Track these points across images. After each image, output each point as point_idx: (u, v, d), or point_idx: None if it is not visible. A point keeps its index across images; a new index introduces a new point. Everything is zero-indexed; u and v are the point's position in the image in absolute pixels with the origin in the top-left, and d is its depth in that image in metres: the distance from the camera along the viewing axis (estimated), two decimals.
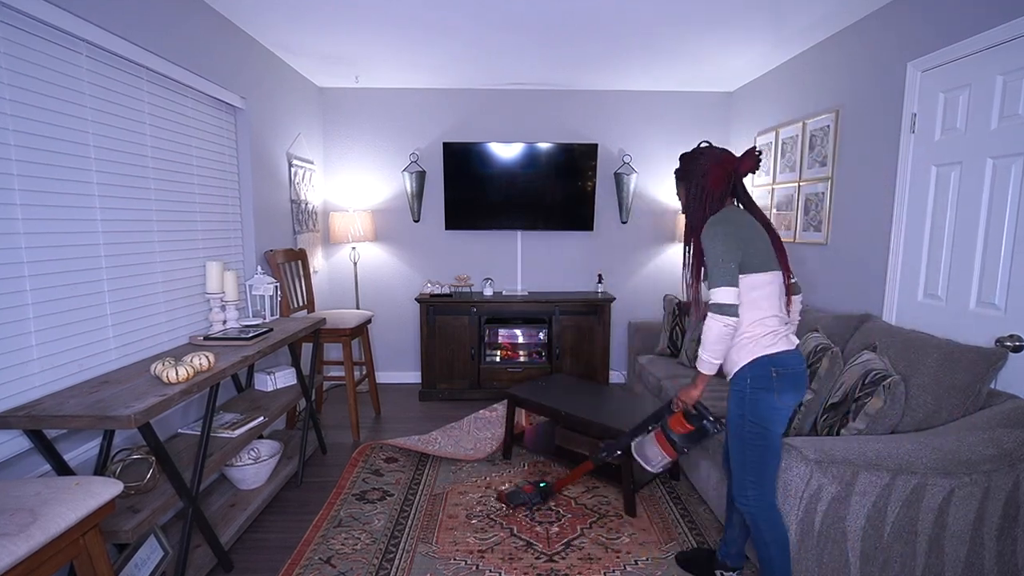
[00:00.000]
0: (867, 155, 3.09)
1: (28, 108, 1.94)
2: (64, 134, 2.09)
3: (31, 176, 1.95)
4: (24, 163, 1.93)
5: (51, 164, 2.03)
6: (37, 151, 1.98)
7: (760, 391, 1.91)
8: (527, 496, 2.88)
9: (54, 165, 2.05)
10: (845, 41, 3.30)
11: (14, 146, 1.89)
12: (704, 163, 2.02)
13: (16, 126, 1.90)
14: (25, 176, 1.93)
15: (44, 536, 1.32)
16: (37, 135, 1.98)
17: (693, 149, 2.09)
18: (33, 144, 1.96)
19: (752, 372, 1.91)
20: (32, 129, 1.96)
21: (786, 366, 1.90)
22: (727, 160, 2.01)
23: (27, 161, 1.94)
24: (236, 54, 3.32)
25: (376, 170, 4.91)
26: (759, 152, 2.00)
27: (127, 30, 2.38)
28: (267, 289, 3.20)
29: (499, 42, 3.62)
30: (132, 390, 1.97)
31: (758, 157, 1.99)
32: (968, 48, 2.43)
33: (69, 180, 2.12)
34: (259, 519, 2.79)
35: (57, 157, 2.06)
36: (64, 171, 2.09)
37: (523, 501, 2.87)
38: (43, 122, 2.00)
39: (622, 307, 5.12)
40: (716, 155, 2.02)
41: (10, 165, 1.88)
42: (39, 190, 1.98)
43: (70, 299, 2.13)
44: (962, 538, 1.94)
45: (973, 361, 2.13)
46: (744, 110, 4.66)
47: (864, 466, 1.90)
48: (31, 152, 1.95)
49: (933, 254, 2.65)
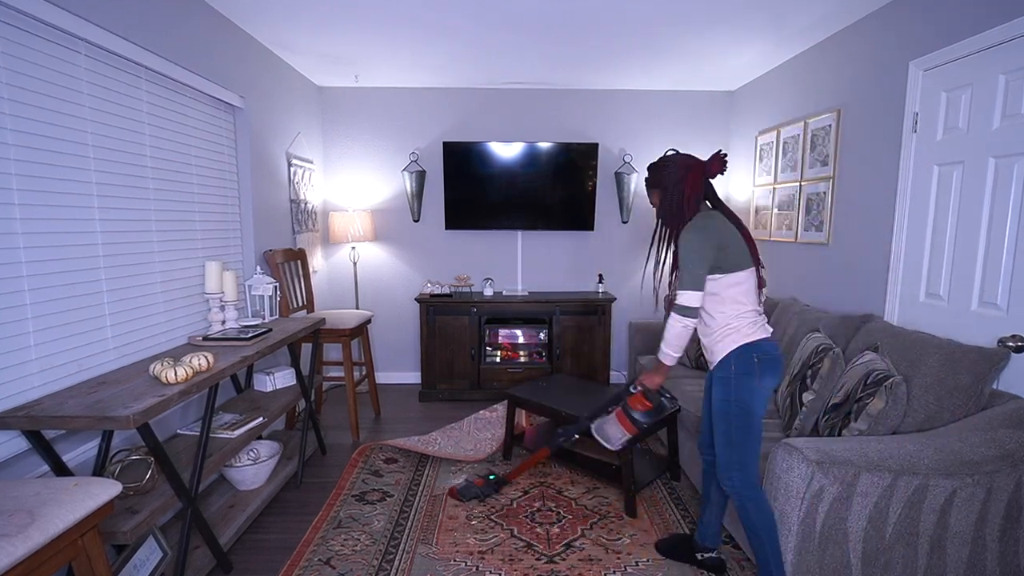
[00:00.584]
0: (869, 155, 3.09)
1: (27, 108, 1.94)
2: (63, 134, 2.09)
3: (30, 176, 1.96)
4: (23, 163, 1.93)
5: (50, 164, 2.04)
6: (36, 151, 1.98)
7: (743, 376, 2.05)
8: (478, 490, 2.95)
9: (53, 165, 2.05)
10: (846, 40, 3.31)
11: (13, 146, 1.89)
12: (676, 170, 2.14)
13: (15, 126, 1.90)
14: (24, 176, 1.93)
15: (43, 537, 1.32)
16: (36, 135, 1.98)
17: (661, 158, 2.21)
18: (32, 144, 1.96)
19: (736, 359, 2.06)
20: (31, 129, 1.96)
21: (766, 352, 2.06)
22: (697, 166, 2.13)
23: (26, 161, 1.94)
24: (235, 53, 3.32)
25: (376, 170, 4.91)
26: (725, 155, 2.11)
27: (126, 29, 2.38)
28: (266, 289, 3.20)
29: (499, 41, 3.63)
30: (131, 390, 1.97)
31: (724, 160, 2.11)
32: (970, 47, 2.43)
33: (68, 180, 2.12)
34: (258, 520, 2.79)
35: (56, 157, 2.06)
36: (63, 171, 2.09)
37: (475, 495, 2.94)
38: (42, 122, 2.00)
39: (623, 307, 5.12)
40: (687, 162, 2.14)
41: (9, 165, 1.88)
42: (38, 190, 1.99)
43: (69, 299, 2.13)
44: (964, 539, 1.94)
45: (975, 361, 2.13)
46: (745, 109, 4.66)
47: (866, 467, 1.90)
48: (30, 152, 1.95)
49: (935, 254, 2.65)
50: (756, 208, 4.45)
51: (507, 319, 4.83)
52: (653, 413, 2.27)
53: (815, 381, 2.51)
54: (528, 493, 3.05)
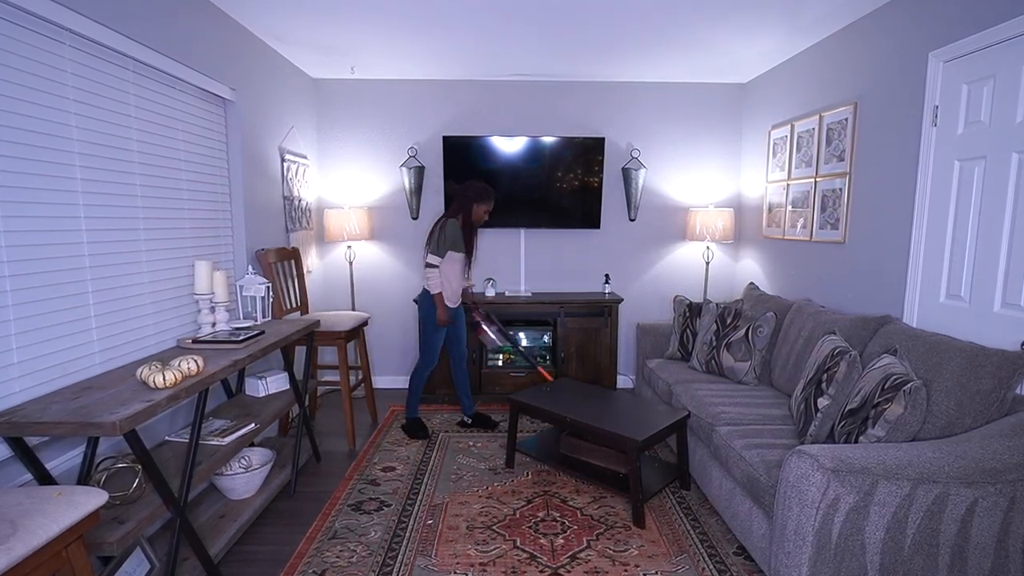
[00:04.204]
0: (887, 149, 3.09)
1: (8, 101, 1.95)
2: (46, 128, 2.10)
3: (11, 172, 1.96)
4: (3, 158, 1.93)
5: (32, 159, 2.04)
6: (17, 145, 1.98)
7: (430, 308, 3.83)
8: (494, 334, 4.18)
9: (36, 160, 2.05)
10: (864, 30, 3.30)
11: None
12: (470, 198, 3.80)
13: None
14: (5, 172, 1.94)
15: (25, 549, 1.33)
16: (17, 128, 1.98)
17: (464, 184, 3.86)
18: (13, 138, 1.97)
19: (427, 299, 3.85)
20: (13, 123, 1.96)
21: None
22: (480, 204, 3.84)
23: (7, 156, 1.94)
24: (226, 44, 3.32)
25: (373, 165, 4.92)
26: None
27: (112, 19, 2.38)
28: (258, 290, 3.21)
29: (501, 31, 3.63)
30: (117, 396, 1.98)
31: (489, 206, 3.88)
32: (992, 37, 2.42)
33: (51, 176, 2.12)
34: (250, 531, 2.79)
35: (39, 152, 2.07)
36: (46, 166, 2.10)
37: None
38: (24, 115, 2.01)
39: (630, 308, 5.11)
40: (477, 194, 3.80)
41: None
42: (20, 186, 1.99)
43: (52, 300, 2.13)
44: (986, 550, 1.94)
45: (998, 365, 2.12)
46: (758, 102, 4.66)
47: (884, 475, 1.89)
48: (11, 147, 1.96)
49: (956, 253, 2.64)
50: (769, 205, 4.44)
51: (510, 321, 4.83)
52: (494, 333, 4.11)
53: (831, 386, 2.51)
54: (532, 502, 3.05)
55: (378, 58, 4.22)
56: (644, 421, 3.02)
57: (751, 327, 3.61)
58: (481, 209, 3.84)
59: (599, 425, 2.96)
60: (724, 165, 4.99)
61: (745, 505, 2.53)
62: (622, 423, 2.98)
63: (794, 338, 3.34)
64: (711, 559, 2.56)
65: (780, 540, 2.06)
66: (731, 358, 3.63)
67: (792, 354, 3.32)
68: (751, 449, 2.56)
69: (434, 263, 3.72)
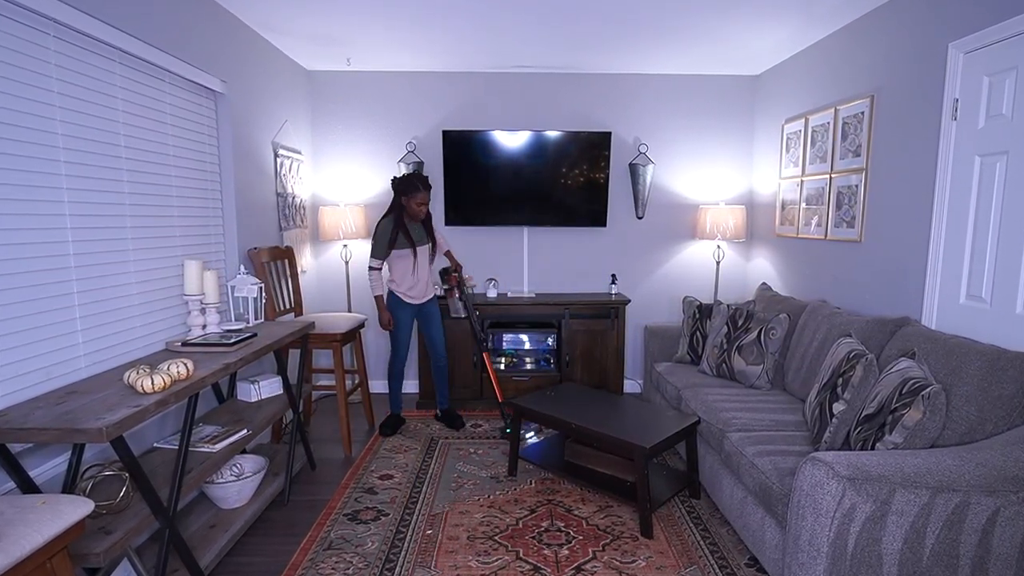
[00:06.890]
0: (905, 144, 3.08)
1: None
2: (29, 121, 2.10)
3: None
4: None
5: (14, 154, 2.04)
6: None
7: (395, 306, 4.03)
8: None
9: (18, 155, 2.05)
10: (881, 21, 3.29)
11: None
12: (399, 192, 3.91)
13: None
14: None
15: (7, 560, 1.33)
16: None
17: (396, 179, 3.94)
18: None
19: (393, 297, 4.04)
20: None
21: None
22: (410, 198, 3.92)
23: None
24: (216, 34, 3.33)
25: (370, 161, 4.92)
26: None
27: (98, 9, 2.39)
28: (251, 290, 3.21)
29: (504, 21, 3.63)
30: (103, 400, 1.98)
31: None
32: (1015, 28, 2.41)
33: (35, 171, 2.12)
34: (242, 541, 2.80)
35: (21, 147, 2.07)
36: (29, 161, 2.10)
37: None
38: (6, 108, 2.01)
39: (637, 310, 5.11)
40: (403, 189, 3.88)
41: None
42: (0, 183, 1.99)
43: (35, 301, 2.13)
44: (1008, 562, 1.93)
45: (1020, 369, 2.12)
46: (770, 95, 4.65)
47: (901, 483, 1.89)
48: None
49: (977, 252, 2.63)
50: (783, 203, 4.43)
51: (512, 323, 4.83)
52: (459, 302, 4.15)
53: (846, 390, 2.50)
54: (535, 512, 3.05)
55: (375, 49, 4.22)
56: (652, 427, 3.02)
57: (763, 329, 3.60)
58: (413, 202, 3.87)
59: (605, 431, 2.96)
60: (735, 161, 4.99)
61: (757, 514, 2.52)
62: (629, 429, 2.98)
63: (808, 341, 3.33)
64: (722, 570, 2.56)
65: (794, 551, 2.06)
66: (743, 361, 3.63)
67: (806, 357, 3.31)
68: (763, 456, 2.56)
69: (375, 266, 3.93)
